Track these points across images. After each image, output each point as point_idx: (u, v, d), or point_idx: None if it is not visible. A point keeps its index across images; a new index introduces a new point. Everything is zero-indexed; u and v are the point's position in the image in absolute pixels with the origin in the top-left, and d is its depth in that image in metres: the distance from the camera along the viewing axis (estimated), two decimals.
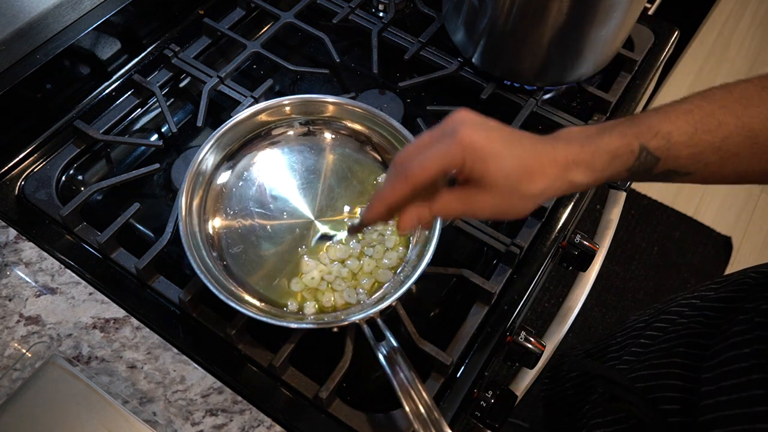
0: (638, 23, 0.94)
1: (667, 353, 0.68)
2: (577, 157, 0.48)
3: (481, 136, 0.47)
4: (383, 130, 0.72)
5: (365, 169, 0.73)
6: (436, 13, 0.92)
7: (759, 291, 0.62)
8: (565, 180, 0.49)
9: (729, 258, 1.87)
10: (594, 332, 1.67)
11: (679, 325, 0.71)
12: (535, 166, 0.48)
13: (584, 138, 0.49)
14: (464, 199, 0.49)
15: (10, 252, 0.66)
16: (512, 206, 0.49)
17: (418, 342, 0.62)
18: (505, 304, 0.68)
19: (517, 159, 0.47)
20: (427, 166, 0.47)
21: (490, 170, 0.47)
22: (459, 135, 0.47)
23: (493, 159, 0.47)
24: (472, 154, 0.47)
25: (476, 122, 0.48)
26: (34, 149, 0.75)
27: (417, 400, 0.54)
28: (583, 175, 0.49)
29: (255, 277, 0.65)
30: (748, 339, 0.57)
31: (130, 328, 0.63)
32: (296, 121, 0.74)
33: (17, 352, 0.60)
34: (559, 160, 0.48)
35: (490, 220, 0.48)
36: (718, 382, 0.58)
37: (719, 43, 2.38)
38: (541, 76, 0.83)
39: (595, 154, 0.49)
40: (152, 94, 0.81)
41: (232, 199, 0.69)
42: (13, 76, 0.73)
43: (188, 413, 0.58)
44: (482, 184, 0.48)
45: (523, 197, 0.49)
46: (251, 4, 0.91)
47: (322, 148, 0.74)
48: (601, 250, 0.85)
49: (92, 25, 0.79)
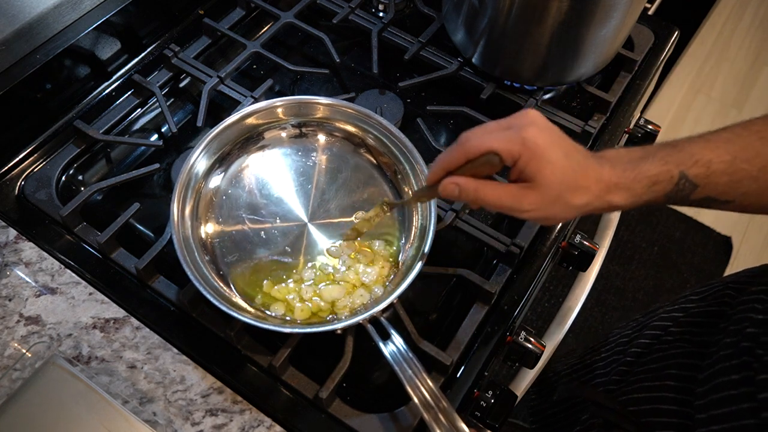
0: (638, 23, 0.94)
1: (657, 375, 0.68)
2: (619, 180, 0.50)
3: (545, 140, 0.49)
4: (378, 132, 0.71)
5: (359, 171, 0.72)
6: (436, 13, 0.92)
7: (741, 310, 0.62)
8: (605, 200, 0.51)
9: (729, 258, 1.87)
10: (594, 332, 1.67)
11: (665, 343, 0.71)
12: (582, 180, 0.50)
13: (627, 162, 0.51)
14: (512, 194, 0.51)
15: (10, 252, 0.66)
16: (554, 212, 0.51)
17: (418, 342, 0.62)
18: (505, 304, 0.68)
19: (569, 170, 0.49)
20: (485, 144, 0.49)
21: (544, 173, 0.49)
22: (525, 131, 0.49)
23: (549, 164, 0.49)
24: (531, 153, 0.49)
25: (543, 126, 0.50)
26: (34, 149, 0.75)
27: (425, 392, 0.56)
28: (621, 197, 0.51)
29: (249, 282, 0.65)
30: (736, 365, 0.57)
31: (130, 328, 0.63)
32: (288, 123, 0.73)
33: (17, 352, 0.60)
34: (604, 180, 0.50)
35: (529, 220, 0.50)
36: (709, 410, 0.58)
37: (719, 43, 2.38)
38: (541, 76, 0.83)
39: (636, 179, 0.50)
40: (152, 94, 0.81)
41: (224, 204, 0.68)
42: (13, 76, 0.73)
43: (188, 413, 0.58)
44: (533, 184, 0.50)
45: (566, 206, 0.50)
46: (251, 4, 0.91)
47: (315, 150, 0.73)
48: (601, 250, 0.85)
49: (92, 25, 0.79)
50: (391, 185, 0.72)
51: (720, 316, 0.66)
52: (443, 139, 0.85)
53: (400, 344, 0.59)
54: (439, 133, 0.86)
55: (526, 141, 0.48)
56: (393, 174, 0.71)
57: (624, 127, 0.87)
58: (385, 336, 0.59)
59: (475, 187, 0.51)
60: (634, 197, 0.51)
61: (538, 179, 0.49)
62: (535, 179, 0.49)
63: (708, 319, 0.67)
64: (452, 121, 0.87)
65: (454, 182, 0.52)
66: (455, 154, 0.52)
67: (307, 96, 0.72)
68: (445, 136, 0.86)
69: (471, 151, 0.50)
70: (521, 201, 0.50)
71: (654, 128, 0.92)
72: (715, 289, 0.71)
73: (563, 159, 0.49)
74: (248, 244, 0.67)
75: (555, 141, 0.49)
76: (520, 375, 0.78)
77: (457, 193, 0.52)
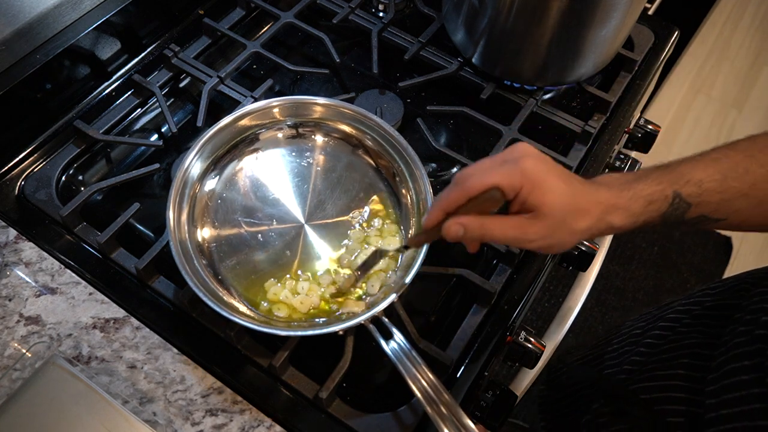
0: (638, 23, 0.94)
1: (670, 364, 0.69)
2: (617, 201, 0.52)
3: (542, 169, 0.50)
4: (375, 134, 0.71)
5: (356, 171, 0.72)
6: (436, 13, 0.92)
7: (757, 301, 0.62)
8: (605, 221, 0.52)
9: (729, 258, 1.87)
10: (594, 332, 1.67)
11: (679, 334, 0.71)
12: (583, 203, 0.51)
13: (622, 184, 0.53)
14: (517, 225, 0.51)
15: (10, 252, 0.66)
16: (559, 240, 0.52)
17: (418, 342, 0.62)
18: (505, 304, 0.68)
19: (570, 195, 0.50)
20: (486, 180, 0.50)
21: (546, 201, 0.50)
22: (522, 163, 0.50)
23: (551, 192, 0.50)
24: (532, 183, 0.49)
25: (538, 156, 0.51)
26: (34, 149, 0.75)
27: (427, 387, 0.57)
28: (620, 218, 0.52)
29: (248, 285, 0.65)
30: (749, 351, 0.58)
31: (130, 328, 0.63)
32: (285, 123, 0.73)
33: (17, 352, 0.60)
34: (602, 201, 0.51)
35: (535, 250, 0.53)
36: (720, 395, 0.58)
37: (719, 43, 2.38)
38: (541, 76, 0.83)
39: (632, 199, 0.52)
40: (152, 94, 0.81)
41: (220, 208, 0.68)
42: (13, 76, 0.73)
43: (188, 413, 0.58)
44: (536, 214, 0.50)
45: (570, 232, 0.51)
46: (251, 4, 0.91)
47: (312, 150, 0.73)
48: (601, 250, 0.85)
49: (92, 25, 0.79)
50: (387, 186, 0.72)
51: (735, 308, 0.66)
52: (443, 139, 0.85)
53: (401, 341, 0.59)
54: (439, 133, 0.86)
55: (525, 172, 0.49)
56: (391, 176, 0.71)
57: (624, 127, 0.87)
58: (387, 335, 0.60)
59: (480, 224, 0.52)
60: (633, 217, 0.52)
61: (541, 208, 0.50)
62: (538, 208, 0.50)
63: (723, 312, 0.68)
64: (452, 121, 0.87)
65: (459, 222, 0.52)
66: (455, 195, 0.52)
67: (303, 96, 0.72)
68: (445, 136, 0.86)
69: (472, 190, 0.51)
70: (526, 231, 0.51)
71: (654, 128, 0.92)
72: (730, 284, 0.71)
73: (563, 185, 0.50)
74: (245, 248, 0.66)
75: (552, 169, 0.51)
76: (520, 375, 0.78)
77: (462, 234, 0.52)
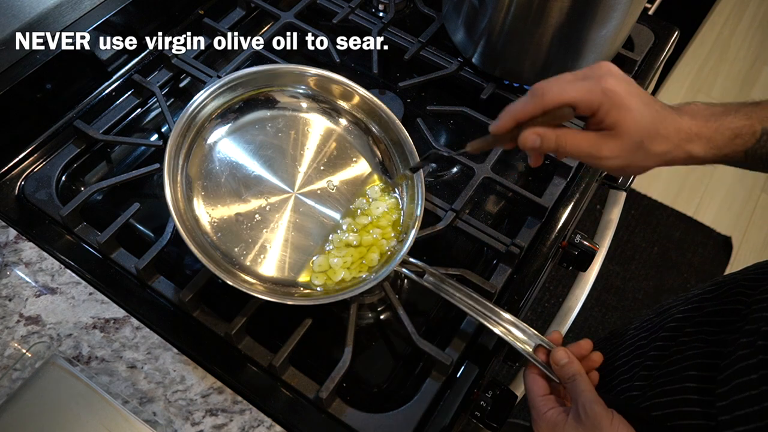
0: (638, 23, 0.94)
1: (678, 377, 0.68)
2: (700, 130, 0.51)
3: (624, 89, 0.50)
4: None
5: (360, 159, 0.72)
6: (436, 13, 0.92)
7: (756, 309, 0.62)
8: (684, 149, 0.51)
9: (729, 258, 1.87)
10: (594, 332, 1.67)
11: (683, 345, 0.70)
12: (662, 128, 0.50)
13: (709, 115, 0.52)
14: (593, 141, 0.51)
15: (10, 252, 0.66)
16: (634, 161, 0.51)
17: (418, 342, 0.62)
18: (505, 304, 0.68)
19: (650, 118, 0.50)
20: (565, 93, 0.50)
21: (625, 120, 0.49)
22: (604, 81, 0.50)
23: (629, 111, 0.49)
24: (611, 101, 0.49)
25: (621, 76, 0.50)
26: (34, 149, 0.75)
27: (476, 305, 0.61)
28: (702, 148, 0.51)
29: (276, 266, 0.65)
30: (753, 364, 0.57)
31: (130, 328, 0.63)
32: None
33: (17, 352, 0.60)
34: (684, 129, 0.51)
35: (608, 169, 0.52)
36: (732, 411, 0.58)
37: (719, 43, 2.38)
38: (541, 76, 0.82)
39: (718, 131, 0.51)
40: (152, 94, 0.80)
41: (210, 188, 0.66)
42: (13, 76, 0.73)
43: (188, 413, 0.58)
44: (614, 132, 0.50)
45: (646, 154, 0.51)
46: (251, 4, 0.91)
47: (324, 125, 0.72)
48: (601, 250, 0.85)
49: (92, 25, 0.79)
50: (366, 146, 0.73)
51: (735, 314, 0.66)
52: (443, 139, 0.85)
53: (436, 272, 0.62)
54: (439, 133, 0.86)
55: (606, 90, 0.49)
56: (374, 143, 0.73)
57: None
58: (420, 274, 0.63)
59: (556, 135, 0.51)
60: (715, 149, 0.51)
61: (618, 127, 0.49)
62: (615, 127, 0.50)
63: (723, 318, 0.67)
64: (452, 121, 0.87)
65: (536, 132, 0.52)
66: (531, 107, 0.52)
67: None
68: (445, 136, 0.86)
69: (551, 103, 0.51)
70: (601, 148, 0.51)
71: None
72: (727, 287, 0.71)
73: (643, 107, 0.50)
74: (248, 230, 0.65)
75: (633, 90, 0.50)
76: (520, 375, 0.78)
77: (538, 144, 0.52)
